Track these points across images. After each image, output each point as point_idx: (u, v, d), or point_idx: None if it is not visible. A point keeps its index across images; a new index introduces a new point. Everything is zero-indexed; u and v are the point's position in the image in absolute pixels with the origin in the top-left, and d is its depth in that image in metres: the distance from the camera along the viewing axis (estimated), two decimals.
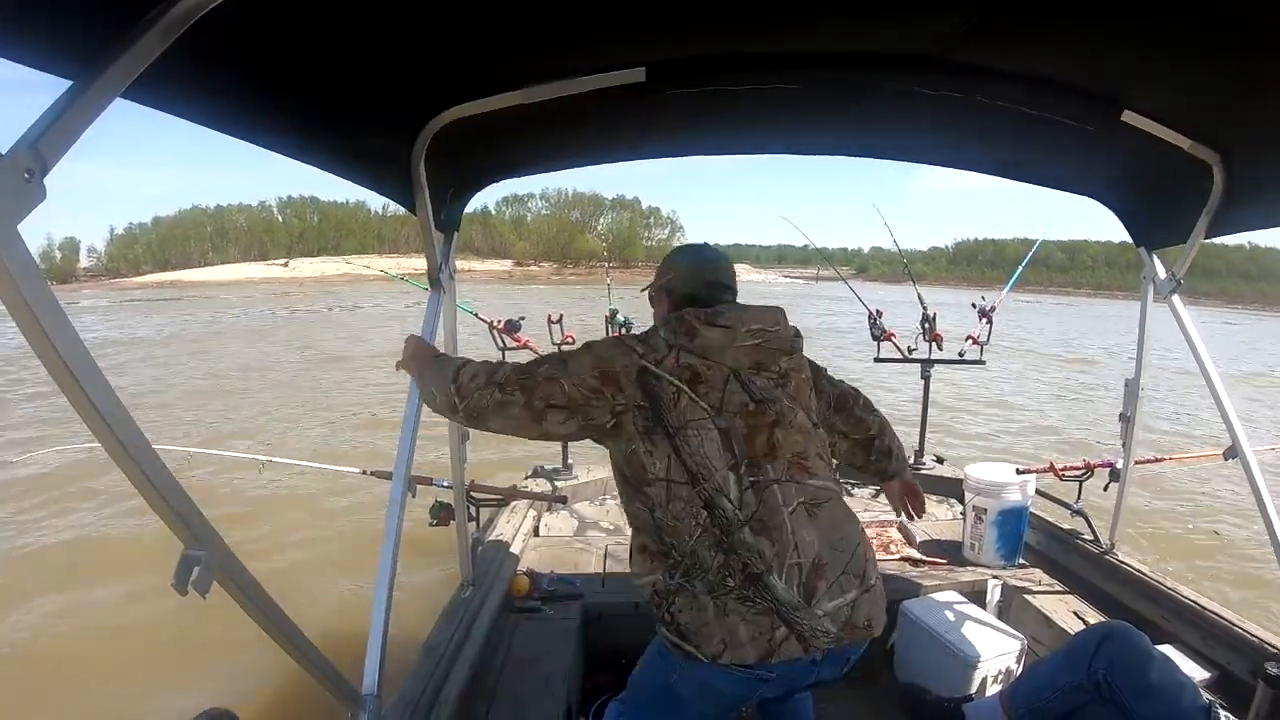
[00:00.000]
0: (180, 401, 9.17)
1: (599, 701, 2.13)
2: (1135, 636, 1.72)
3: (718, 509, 1.27)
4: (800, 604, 1.24)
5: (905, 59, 1.40)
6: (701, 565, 1.27)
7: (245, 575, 0.98)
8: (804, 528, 1.29)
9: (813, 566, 1.27)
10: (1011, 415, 9.27)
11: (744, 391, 1.34)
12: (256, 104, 1.11)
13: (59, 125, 0.67)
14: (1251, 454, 1.95)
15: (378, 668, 1.40)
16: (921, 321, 3.80)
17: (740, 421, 1.32)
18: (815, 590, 1.26)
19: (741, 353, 1.36)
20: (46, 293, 0.68)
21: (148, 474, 0.83)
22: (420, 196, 1.64)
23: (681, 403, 1.30)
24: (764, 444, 1.33)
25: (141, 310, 24.91)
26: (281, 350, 14.91)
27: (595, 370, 1.33)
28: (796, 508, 1.30)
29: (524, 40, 1.29)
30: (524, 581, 2.47)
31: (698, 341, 1.34)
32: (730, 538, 1.26)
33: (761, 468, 1.31)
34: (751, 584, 1.25)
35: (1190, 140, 1.64)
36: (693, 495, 1.28)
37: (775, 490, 1.30)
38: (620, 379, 1.32)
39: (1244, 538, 5.00)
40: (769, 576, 1.24)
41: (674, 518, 1.29)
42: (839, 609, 1.27)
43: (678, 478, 1.29)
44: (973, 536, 2.77)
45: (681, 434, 1.29)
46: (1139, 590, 2.40)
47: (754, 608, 1.24)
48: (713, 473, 1.28)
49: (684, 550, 1.29)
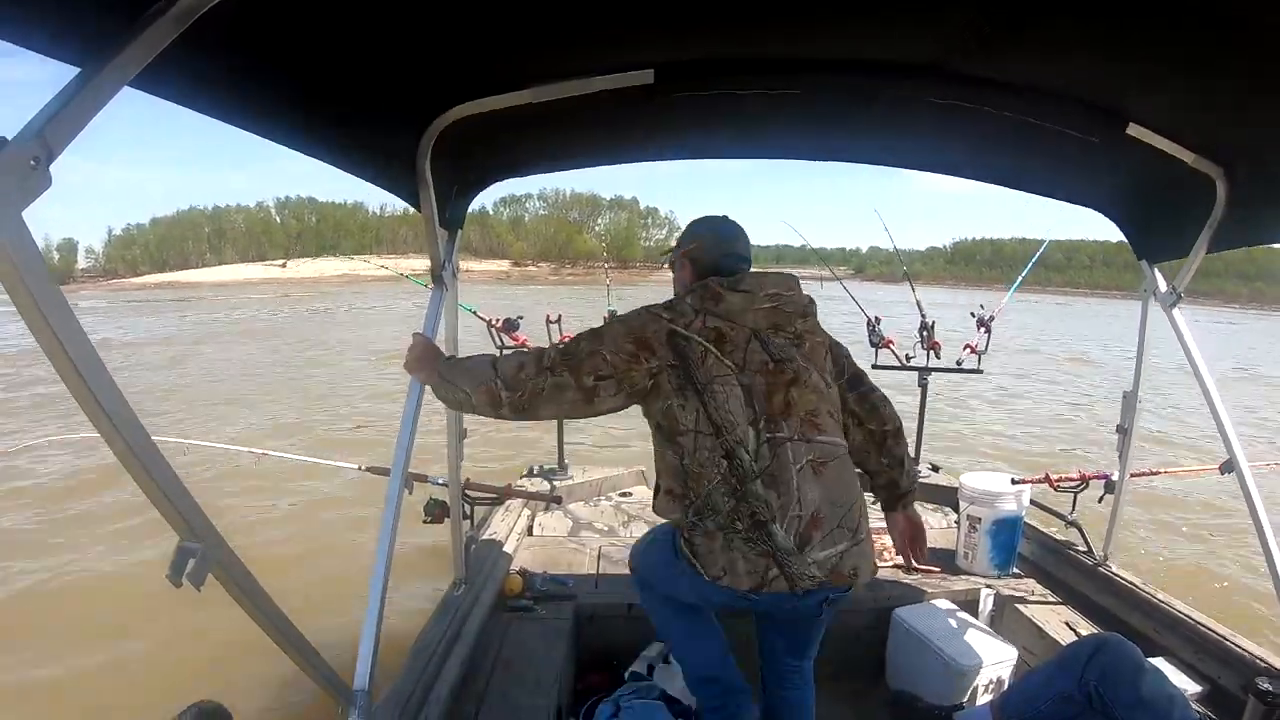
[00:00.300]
0: (185, 402, 9.16)
1: (589, 702, 2.13)
2: (1127, 648, 1.72)
3: (736, 460, 1.44)
4: (794, 551, 1.43)
5: (913, 68, 1.41)
6: (715, 508, 1.45)
7: (240, 569, 0.98)
8: (809, 483, 1.45)
9: (811, 519, 1.44)
10: (1009, 423, 9.29)
11: (764, 351, 1.49)
12: (264, 96, 1.11)
13: (66, 113, 0.66)
14: (1248, 468, 1.95)
15: (370, 664, 1.40)
16: (920, 329, 3.80)
17: (760, 379, 1.48)
18: (810, 540, 1.43)
19: (760, 315, 1.51)
20: (48, 280, 0.68)
21: (145, 465, 0.82)
22: (425, 193, 1.64)
23: (708, 361, 1.46)
24: (781, 402, 1.48)
25: (145, 311, 24.90)
26: (283, 350, 14.88)
27: (630, 338, 1.48)
28: (804, 465, 1.46)
29: (533, 39, 1.29)
30: (517, 581, 2.47)
31: (722, 306, 1.49)
32: (744, 487, 1.43)
33: (778, 424, 1.46)
34: (756, 529, 1.43)
35: (1194, 154, 1.65)
36: (716, 446, 1.44)
37: (788, 448, 1.45)
38: (652, 343, 1.47)
39: (1238, 551, 5.01)
40: (771, 525, 1.42)
41: (699, 465, 1.46)
42: (828, 558, 1.44)
43: (704, 429, 1.45)
44: (966, 545, 2.77)
45: (709, 389, 1.45)
46: (1132, 602, 2.40)
47: (755, 549, 1.43)
48: (735, 426, 1.44)
49: (701, 495, 1.46)
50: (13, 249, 0.64)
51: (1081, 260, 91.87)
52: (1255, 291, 67.73)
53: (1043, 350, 18.08)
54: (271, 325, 20.33)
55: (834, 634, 2.52)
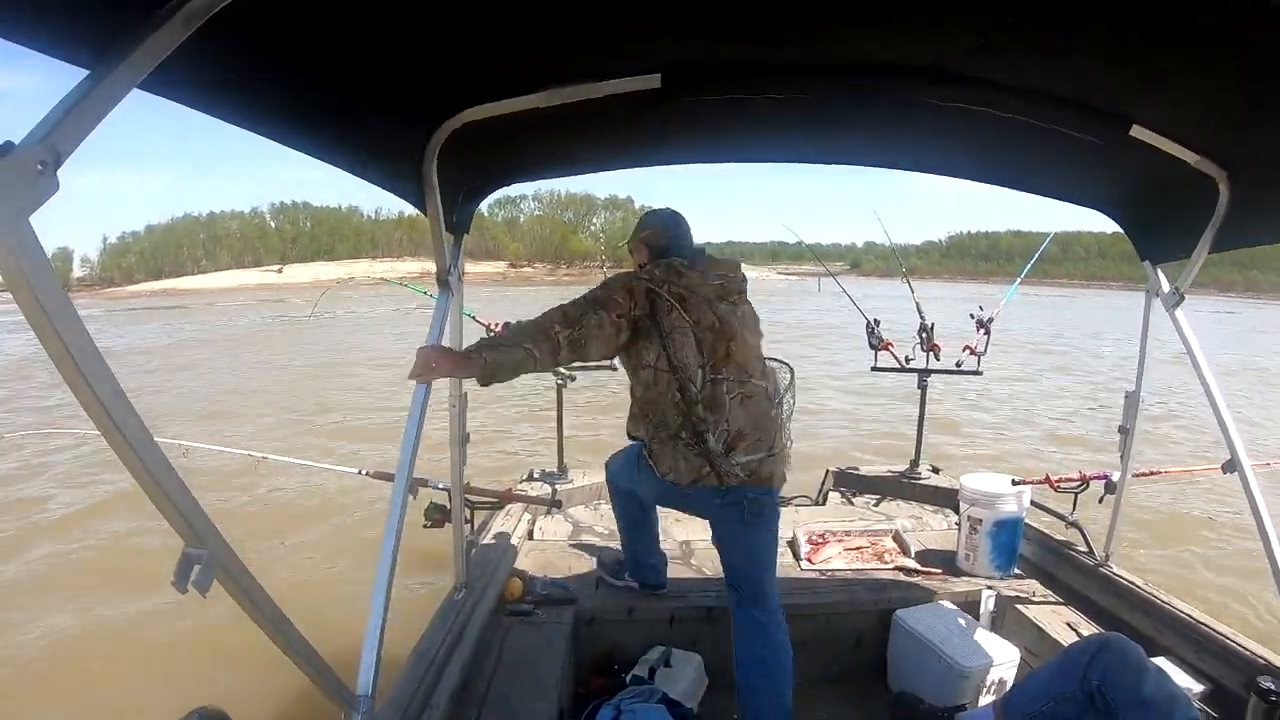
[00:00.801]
0: (187, 408, 9.14)
1: (591, 706, 2.13)
2: (1129, 648, 1.72)
3: (686, 392, 1.91)
4: (722, 455, 1.92)
5: (918, 71, 1.41)
6: (667, 424, 1.96)
7: (245, 574, 0.98)
8: (737, 409, 1.94)
9: (736, 434, 1.93)
10: (1008, 424, 9.30)
11: (712, 314, 1.95)
12: (273, 99, 1.11)
13: (73, 116, 0.66)
14: (1250, 467, 1.96)
15: (373, 669, 1.40)
16: (919, 331, 3.81)
17: (709, 335, 1.93)
18: (735, 448, 1.93)
19: (711, 289, 1.98)
20: (55, 284, 0.68)
21: (151, 470, 0.82)
22: (431, 197, 1.64)
23: (672, 315, 1.91)
24: (722, 353, 1.94)
25: (140, 319, 24.83)
26: (285, 356, 14.87)
27: (623, 289, 1.90)
28: (735, 396, 1.94)
29: (540, 44, 1.29)
30: (517, 585, 2.47)
31: (683, 280, 1.95)
32: (690, 410, 1.92)
33: (718, 369, 1.93)
34: (696, 439, 1.92)
35: (1197, 156, 1.65)
36: (672, 380, 1.91)
37: (724, 385, 1.93)
38: (636, 292, 1.90)
39: (1239, 551, 5.01)
40: (707, 435, 1.92)
41: (658, 393, 1.94)
42: (749, 463, 1.94)
43: (663, 367, 1.91)
44: (967, 547, 2.77)
45: (670, 337, 1.90)
46: (1133, 602, 2.40)
47: (694, 452, 1.93)
48: (688, 367, 1.90)
49: (658, 414, 1.98)
50: (21, 254, 0.64)
51: (1078, 252, 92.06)
52: (1249, 280, 68.36)
53: (1047, 347, 18.04)
54: (276, 330, 20.32)
55: (836, 636, 2.54)
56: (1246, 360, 15.59)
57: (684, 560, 2.88)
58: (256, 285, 58.88)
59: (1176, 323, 2.09)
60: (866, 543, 3.03)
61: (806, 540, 3.00)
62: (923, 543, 3.05)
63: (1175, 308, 2.09)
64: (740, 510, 1.97)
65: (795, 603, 2.55)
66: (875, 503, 3.69)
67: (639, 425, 2.06)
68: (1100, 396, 10.97)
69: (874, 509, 3.58)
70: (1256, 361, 15.84)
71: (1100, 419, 8.92)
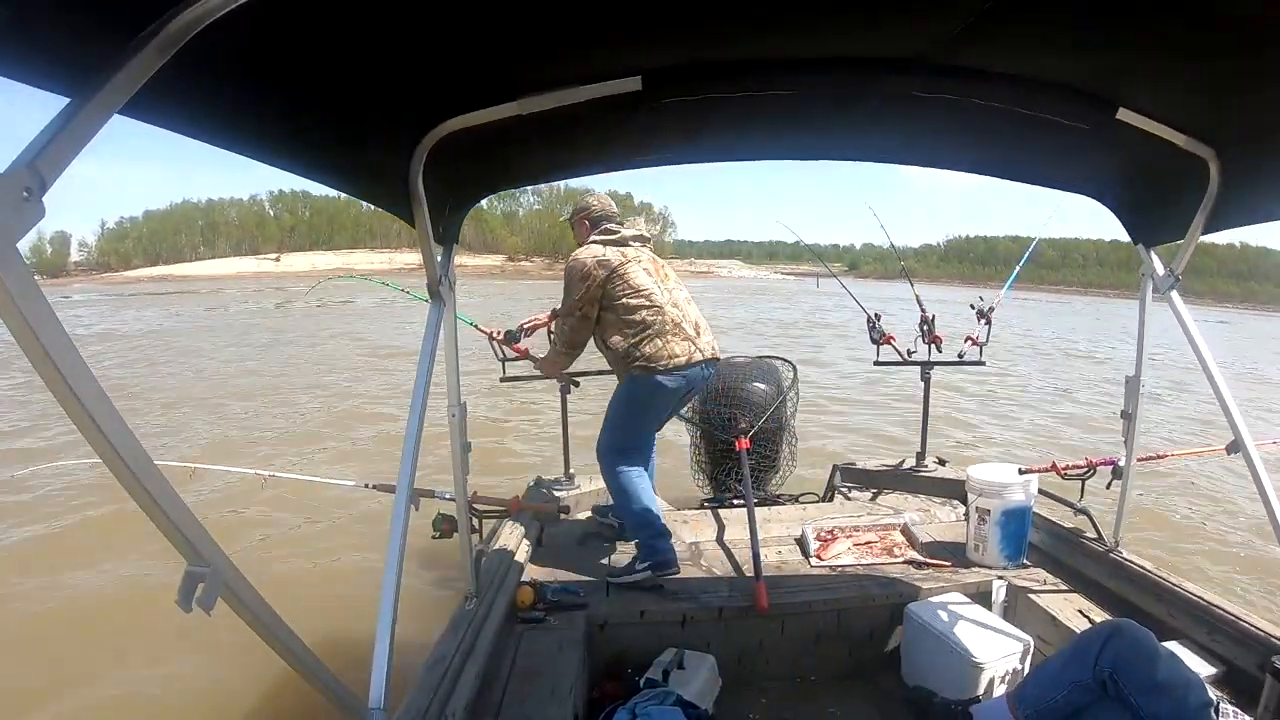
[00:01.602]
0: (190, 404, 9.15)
1: (606, 710, 2.12)
2: (1141, 633, 1.72)
3: (655, 302, 2.75)
4: (695, 336, 2.81)
5: (900, 62, 1.41)
6: (650, 326, 2.72)
7: (250, 590, 0.98)
8: (690, 309, 2.89)
9: (695, 323, 2.86)
10: (1012, 414, 9.28)
11: (646, 255, 2.88)
12: (254, 119, 1.12)
13: (57, 143, 0.67)
14: (1254, 448, 1.95)
15: (384, 681, 1.40)
16: (920, 324, 3.81)
17: (651, 266, 2.86)
18: (700, 334, 2.84)
19: (638, 247, 2.87)
20: (46, 310, 0.69)
21: (150, 491, 0.83)
22: (419, 210, 1.64)
23: (626, 262, 2.75)
24: (663, 276, 2.88)
25: (138, 303, 24.56)
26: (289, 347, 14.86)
27: (581, 279, 2.74)
28: (684, 301, 2.88)
29: (520, 51, 1.29)
30: (528, 592, 2.47)
31: (617, 235, 2.84)
32: (663, 312, 2.75)
33: (666, 287, 2.84)
34: (676, 329, 2.75)
35: (1185, 136, 1.65)
36: (643, 299, 2.73)
37: (675, 294, 2.86)
38: (591, 270, 2.73)
39: (1248, 531, 4.99)
40: (683, 322, 2.80)
41: (638, 313, 2.72)
42: (707, 343, 2.85)
43: (631, 294, 2.73)
44: (976, 538, 2.76)
45: (631, 277, 2.74)
46: (1144, 587, 2.39)
47: (679, 336, 2.76)
48: (648, 290, 2.76)
49: (638, 325, 2.72)
50: (8, 280, 0.64)
51: (1075, 259, 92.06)
52: (1247, 291, 68.34)
53: (1044, 349, 17.99)
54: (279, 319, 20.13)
55: (849, 632, 2.53)
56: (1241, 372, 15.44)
57: (694, 561, 2.88)
58: (254, 273, 58.49)
59: (1172, 304, 2.08)
60: (875, 537, 3.02)
61: (815, 537, 2.99)
62: (931, 535, 3.05)
63: (1170, 290, 2.08)
64: (702, 378, 2.86)
65: (806, 599, 2.55)
66: (879, 496, 3.69)
67: (623, 344, 2.72)
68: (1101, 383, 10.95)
69: (881, 503, 3.58)
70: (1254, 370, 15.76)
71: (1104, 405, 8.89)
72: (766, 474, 3.85)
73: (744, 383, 3.74)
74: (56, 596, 4.05)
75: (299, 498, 5.30)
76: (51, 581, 4.24)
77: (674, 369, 2.70)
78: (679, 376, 2.73)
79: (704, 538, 3.12)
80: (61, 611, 3.87)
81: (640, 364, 2.69)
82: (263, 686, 2.84)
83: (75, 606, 3.92)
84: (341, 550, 4.65)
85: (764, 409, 3.63)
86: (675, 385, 2.75)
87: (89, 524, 4.97)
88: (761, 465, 3.78)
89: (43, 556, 4.59)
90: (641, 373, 2.70)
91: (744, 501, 3.07)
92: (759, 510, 3.08)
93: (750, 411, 3.58)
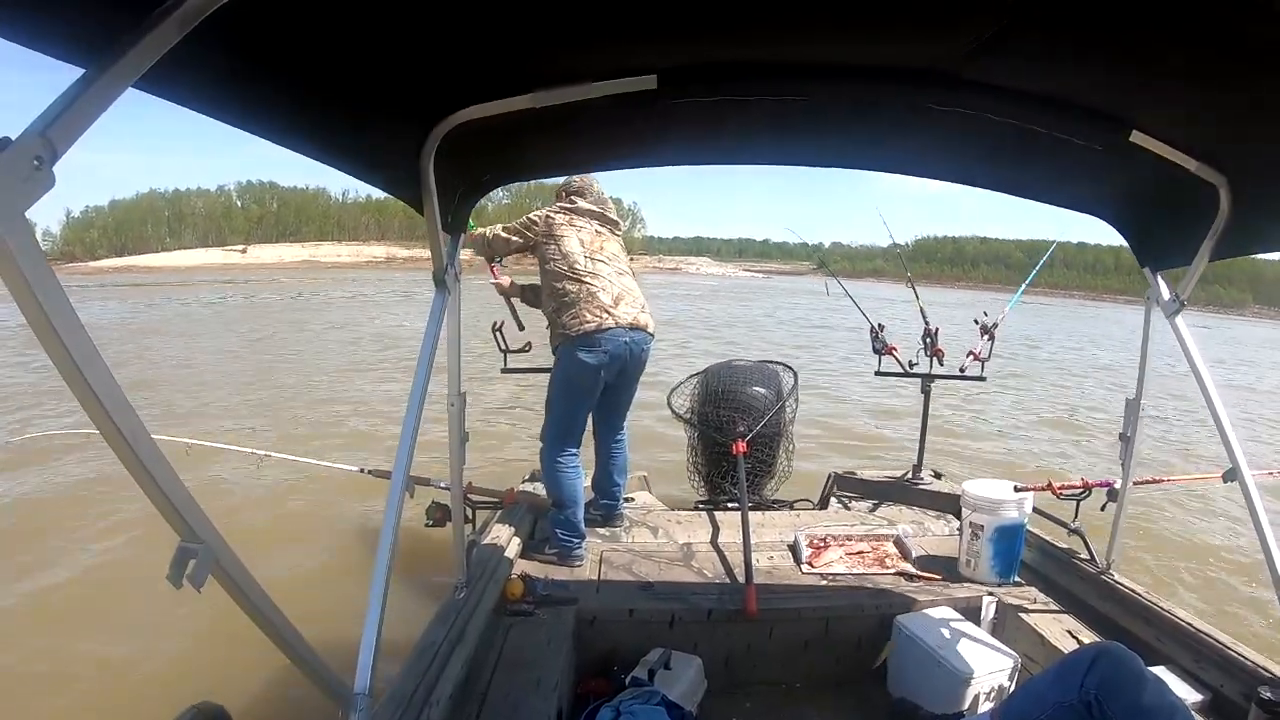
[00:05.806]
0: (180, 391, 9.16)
1: (590, 707, 2.13)
2: (1128, 657, 1.71)
3: (584, 275, 2.92)
4: (613, 306, 2.91)
5: (917, 74, 1.41)
6: (572, 296, 2.90)
7: (241, 570, 0.98)
8: (615, 280, 2.99)
9: (617, 295, 2.95)
10: (1010, 430, 9.26)
11: (591, 230, 3.07)
12: (268, 99, 1.11)
13: (70, 113, 0.67)
14: (1251, 476, 1.94)
15: (370, 666, 1.40)
16: (923, 336, 3.80)
17: (591, 238, 3.04)
18: (619, 303, 2.94)
19: (590, 217, 3.09)
20: (51, 278, 0.69)
21: (146, 464, 0.83)
22: (428, 197, 1.64)
23: (567, 230, 3.01)
24: (598, 248, 3.03)
25: (112, 296, 24.54)
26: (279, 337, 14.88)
27: (526, 224, 3.07)
28: (612, 272, 3.00)
29: (537, 44, 1.29)
30: (518, 585, 2.47)
31: (574, 209, 3.08)
32: (583, 282, 2.91)
33: (597, 260, 2.99)
34: (592, 298, 2.89)
35: (1197, 162, 1.64)
36: (569, 268, 2.94)
37: (602, 266, 2.98)
38: (537, 222, 3.05)
39: (1240, 560, 4.98)
40: (600, 294, 2.91)
41: (563, 279, 2.93)
42: (626, 311, 2.94)
43: (560, 261, 2.95)
44: (969, 552, 2.76)
45: (564, 242, 2.98)
46: (1134, 611, 2.39)
47: (595, 305, 2.88)
48: (578, 258, 2.96)
49: (560, 293, 2.92)
50: (16, 248, 0.64)
51: (1075, 264, 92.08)
52: (1212, 295, 69.42)
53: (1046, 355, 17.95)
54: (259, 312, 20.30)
55: (837, 640, 2.53)
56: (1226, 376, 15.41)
57: (684, 562, 2.88)
58: (220, 265, 57.56)
59: (1177, 330, 2.07)
60: (868, 547, 3.02)
61: (808, 544, 2.99)
62: (924, 548, 3.05)
63: (1175, 315, 2.07)
64: (628, 348, 2.93)
65: (796, 606, 2.55)
66: (875, 507, 3.69)
67: (552, 303, 2.95)
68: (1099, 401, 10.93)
69: (876, 514, 3.57)
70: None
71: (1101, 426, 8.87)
72: (763, 479, 3.85)
73: (744, 386, 3.74)
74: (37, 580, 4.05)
75: (295, 478, 5.31)
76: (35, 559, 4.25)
77: (582, 334, 2.83)
78: (598, 352, 2.85)
79: (696, 539, 3.12)
80: (43, 595, 3.88)
81: (560, 334, 2.89)
82: (247, 669, 2.84)
83: (55, 589, 3.93)
84: (333, 535, 4.66)
85: (763, 413, 3.64)
86: (594, 360, 2.86)
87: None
88: (758, 470, 3.78)
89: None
90: (562, 344, 2.89)
91: (738, 505, 3.07)
92: (753, 515, 3.08)
93: (749, 415, 3.58)
